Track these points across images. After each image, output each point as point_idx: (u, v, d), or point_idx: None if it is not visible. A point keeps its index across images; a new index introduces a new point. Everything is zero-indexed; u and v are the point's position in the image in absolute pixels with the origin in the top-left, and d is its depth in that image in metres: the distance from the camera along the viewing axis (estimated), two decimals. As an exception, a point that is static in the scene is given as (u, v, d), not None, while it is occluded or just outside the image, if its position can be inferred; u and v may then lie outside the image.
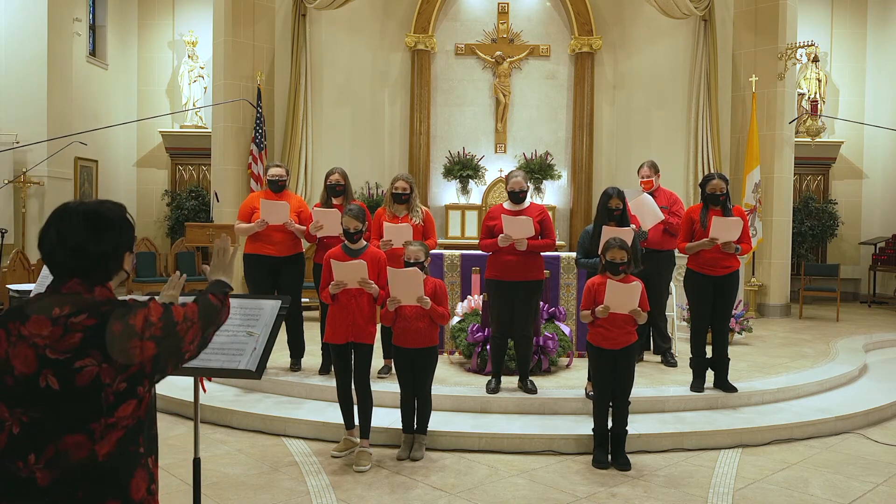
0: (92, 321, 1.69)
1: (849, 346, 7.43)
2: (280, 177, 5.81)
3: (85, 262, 1.79)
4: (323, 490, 3.98)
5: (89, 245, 1.78)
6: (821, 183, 11.81)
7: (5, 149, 8.68)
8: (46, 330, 1.68)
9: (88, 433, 1.68)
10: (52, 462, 1.66)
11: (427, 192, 10.60)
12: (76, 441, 1.67)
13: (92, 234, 1.79)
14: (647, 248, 6.01)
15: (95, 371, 1.67)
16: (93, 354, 1.67)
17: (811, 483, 4.19)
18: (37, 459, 1.66)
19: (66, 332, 1.67)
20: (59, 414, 1.67)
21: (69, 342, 1.67)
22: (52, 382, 1.67)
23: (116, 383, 1.69)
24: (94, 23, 11.35)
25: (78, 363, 1.66)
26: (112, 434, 1.71)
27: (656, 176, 6.39)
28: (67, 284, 1.77)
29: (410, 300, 4.28)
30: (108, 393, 1.69)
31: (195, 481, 2.89)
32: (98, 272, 1.81)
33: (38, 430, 1.67)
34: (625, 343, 4.36)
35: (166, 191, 11.75)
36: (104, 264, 1.81)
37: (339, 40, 10.40)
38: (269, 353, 2.75)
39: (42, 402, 1.67)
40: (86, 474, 1.68)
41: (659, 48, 10.60)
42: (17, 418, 1.68)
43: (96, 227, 1.81)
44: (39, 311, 1.71)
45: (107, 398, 1.69)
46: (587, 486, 4.09)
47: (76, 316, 1.69)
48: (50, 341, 1.67)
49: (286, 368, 5.85)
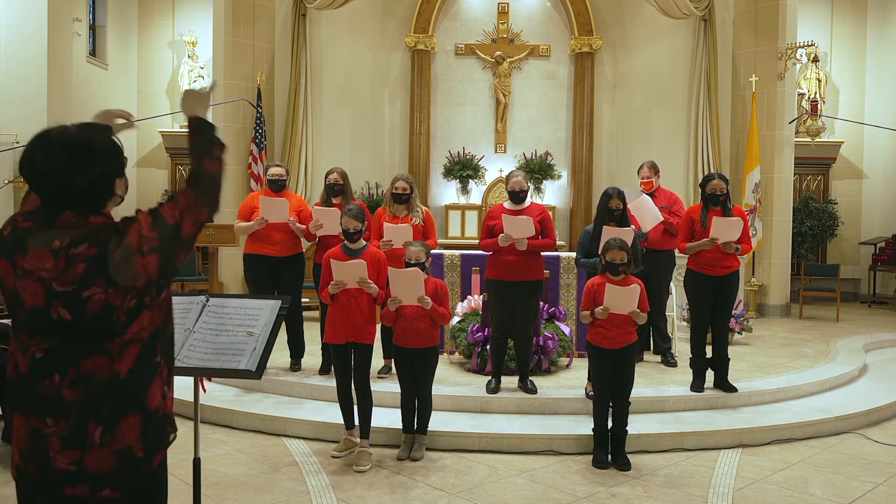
0: (93, 250, 1.67)
1: (849, 346, 7.43)
2: (280, 176, 5.81)
3: (73, 193, 1.73)
4: (323, 490, 3.98)
5: (75, 176, 1.73)
6: (821, 183, 11.80)
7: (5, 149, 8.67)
8: (49, 263, 1.68)
9: (107, 353, 1.71)
10: (76, 382, 1.70)
11: (427, 192, 10.60)
12: (97, 363, 1.70)
13: (77, 165, 1.73)
14: (648, 247, 6.01)
15: (104, 297, 1.68)
16: (98, 282, 1.67)
17: (811, 483, 4.19)
18: (61, 379, 1.70)
19: (69, 264, 1.67)
20: (74, 341, 1.70)
21: (73, 273, 1.67)
22: (63, 314, 1.68)
23: (126, 302, 1.70)
24: (94, 23, 11.34)
25: (86, 293, 1.67)
26: (129, 350, 1.73)
27: (656, 176, 6.39)
28: (61, 217, 1.73)
29: (411, 300, 4.28)
30: (119, 313, 1.70)
31: (195, 481, 2.89)
32: (88, 202, 1.76)
33: (59, 354, 1.70)
34: (625, 343, 4.36)
35: (166, 191, 11.74)
36: (94, 194, 1.76)
37: (339, 40, 10.40)
38: (269, 353, 2.75)
39: (56, 332, 1.70)
40: (109, 392, 1.72)
41: (659, 48, 10.60)
42: (38, 346, 1.72)
43: (81, 156, 1.74)
44: (38, 245, 1.69)
45: (118, 318, 1.70)
46: (587, 486, 4.09)
47: (76, 247, 1.68)
48: (55, 273, 1.67)
49: (286, 368, 5.85)
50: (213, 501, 3.82)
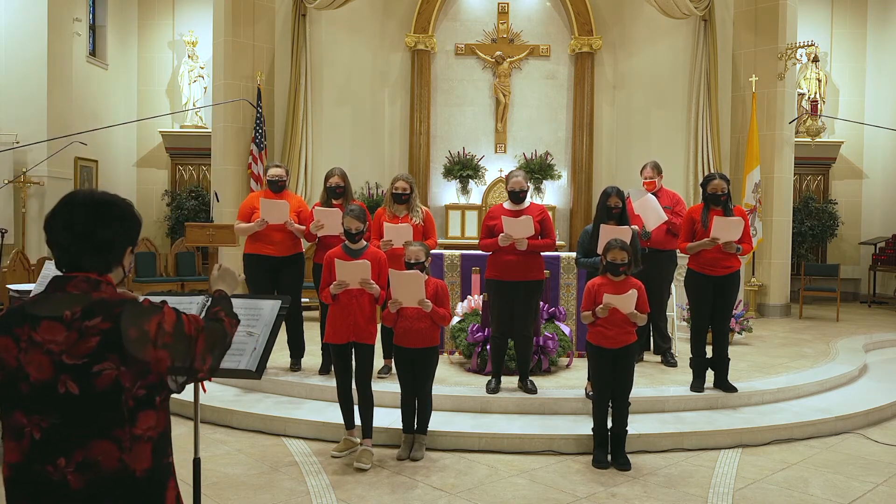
0: (107, 324, 1.66)
1: (849, 346, 7.43)
2: (280, 177, 5.81)
3: (90, 248, 1.76)
4: (323, 490, 3.98)
5: (96, 230, 1.76)
6: (821, 183, 11.81)
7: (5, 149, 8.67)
8: (61, 335, 1.66)
9: (115, 441, 1.67)
10: (83, 467, 1.65)
11: (427, 192, 10.60)
12: (104, 449, 1.66)
13: (99, 220, 1.77)
14: (650, 247, 6.01)
15: (114, 374, 1.65)
16: (111, 358, 1.65)
17: (811, 483, 4.19)
18: (67, 463, 1.65)
19: (82, 337, 1.65)
20: (80, 419, 1.66)
21: (86, 346, 1.65)
22: (71, 388, 1.64)
23: (135, 388, 1.68)
24: (94, 23, 11.35)
25: (96, 367, 1.64)
26: (142, 447, 1.70)
27: (659, 177, 6.39)
28: (73, 282, 1.74)
29: (411, 302, 4.28)
30: (128, 397, 1.67)
31: (195, 481, 2.89)
32: (101, 261, 1.78)
33: (62, 434, 1.66)
34: (624, 342, 4.36)
35: (166, 191, 11.75)
36: (108, 252, 1.79)
37: (339, 40, 10.40)
38: (269, 353, 2.74)
39: (62, 407, 1.65)
40: (124, 489, 1.68)
41: (659, 48, 10.60)
42: (37, 424, 1.66)
43: (105, 213, 1.79)
44: (50, 315, 1.67)
45: (126, 402, 1.67)
46: (587, 486, 4.09)
47: (90, 319, 1.66)
48: (66, 346, 1.65)
49: (286, 368, 5.85)
50: (213, 501, 3.82)
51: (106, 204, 1.81)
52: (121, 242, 1.82)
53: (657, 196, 6.26)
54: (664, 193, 6.36)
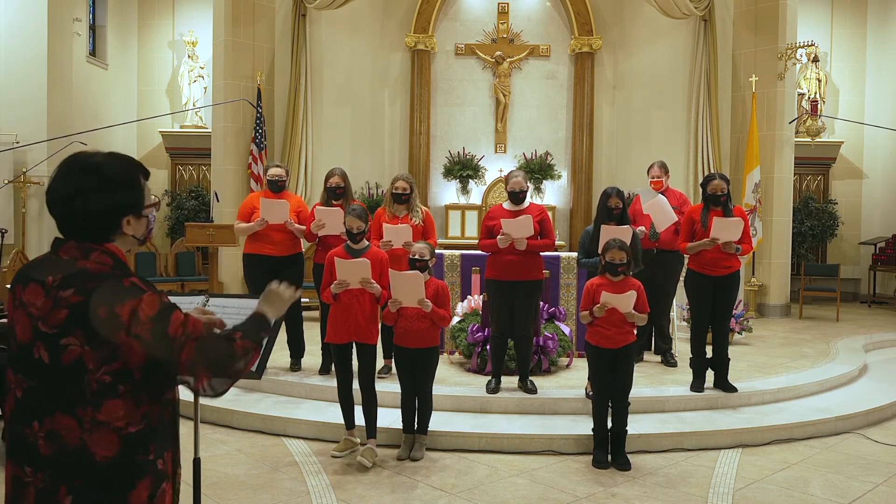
0: (78, 298, 1.60)
1: (849, 346, 7.43)
2: (279, 177, 5.81)
3: (71, 220, 1.68)
4: (323, 490, 3.98)
5: (76, 202, 1.67)
6: (821, 183, 11.80)
7: (5, 149, 8.67)
8: (40, 300, 1.63)
9: (77, 419, 1.63)
10: (50, 436, 1.64)
11: (427, 192, 10.60)
12: (66, 423, 1.63)
13: (83, 191, 1.67)
14: (657, 248, 6.02)
15: (78, 352, 1.61)
16: (76, 334, 1.60)
17: (811, 483, 4.19)
18: (39, 428, 1.64)
19: (55, 307, 1.61)
20: (50, 388, 1.64)
21: (57, 317, 1.61)
22: (42, 355, 1.63)
23: (100, 373, 1.62)
24: (94, 23, 11.34)
25: (63, 340, 1.61)
26: (104, 434, 1.64)
27: (666, 176, 6.39)
28: (65, 246, 1.69)
29: (411, 302, 4.28)
30: (91, 380, 1.62)
31: (195, 481, 2.89)
32: (87, 233, 1.69)
33: (36, 399, 1.65)
34: (623, 342, 4.36)
35: (166, 191, 11.74)
36: (97, 223, 1.69)
37: (339, 40, 10.40)
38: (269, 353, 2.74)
39: (36, 373, 1.64)
40: (83, 469, 1.64)
41: (659, 48, 10.60)
42: (20, 385, 1.67)
43: (89, 183, 1.68)
44: (36, 278, 1.65)
45: (90, 384, 1.62)
46: (587, 486, 4.09)
47: (65, 289, 1.61)
48: (42, 313, 1.63)
49: (286, 368, 5.85)
50: (213, 501, 3.82)
51: (93, 171, 1.69)
52: (111, 213, 1.71)
53: (664, 196, 6.26)
54: (671, 193, 6.36)
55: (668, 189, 6.40)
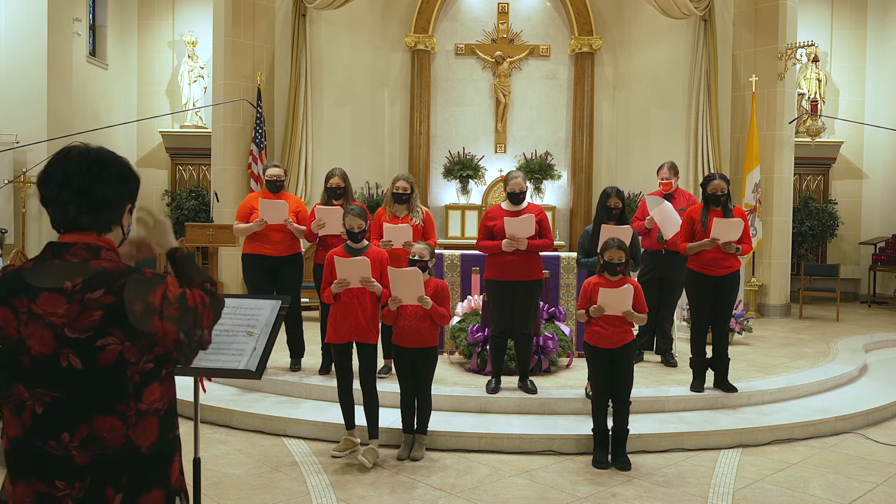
0: (110, 298, 1.61)
1: (849, 346, 7.43)
2: (278, 177, 5.81)
3: (89, 205, 1.70)
4: (323, 490, 3.98)
5: (97, 185, 1.70)
6: (821, 183, 11.80)
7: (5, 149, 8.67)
8: (62, 308, 1.60)
9: (120, 416, 1.63)
10: (88, 442, 1.61)
11: (427, 192, 10.60)
12: (109, 424, 1.62)
13: (99, 175, 1.71)
14: (667, 249, 6.03)
15: (119, 349, 1.61)
16: (115, 333, 1.61)
17: (811, 483, 4.19)
18: (71, 438, 1.61)
19: (84, 310, 1.59)
20: (84, 393, 1.61)
21: (89, 320, 1.60)
22: (74, 362, 1.60)
23: (142, 363, 1.65)
24: (94, 23, 11.34)
25: (100, 342, 1.60)
26: (148, 422, 1.67)
27: (675, 178, 6.38)
28: (72, 249, 1.68)
29: (411, 300, 4.28)
30: (134, 372, 1.64)
31: (195, 481, 2.89)
32: (100, 220, 1.72)
33: (65, 409, 1.62)
34: (621, 342, 4.35)
35: (166, 191, 11.74)
36: (108, 210, 1.73)
37: (339, 40, 10.40)
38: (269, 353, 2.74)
39: (65, 381, 1.61)
40: (129, 464, 1.65)
41: (659, 48, 10.60)
42: (39, 399, 1.62)
43: (104, 169, 1.73)
44: (50, 287, 1.62)
45: (132, 377, 1.64)
46: (587, 486, 4.09)
47: (92, 291, 1.60)
48: (68, 319, 1.59)
49: (286, 368, 5.84)
50: (213, 501, 3.82)
51: (104, 160, 1.75)
52: (120, 200, 1.76)
53: (673, 197, 6.26)
54: (680, 194, 6.36)
55: (678, 190, 6.39)
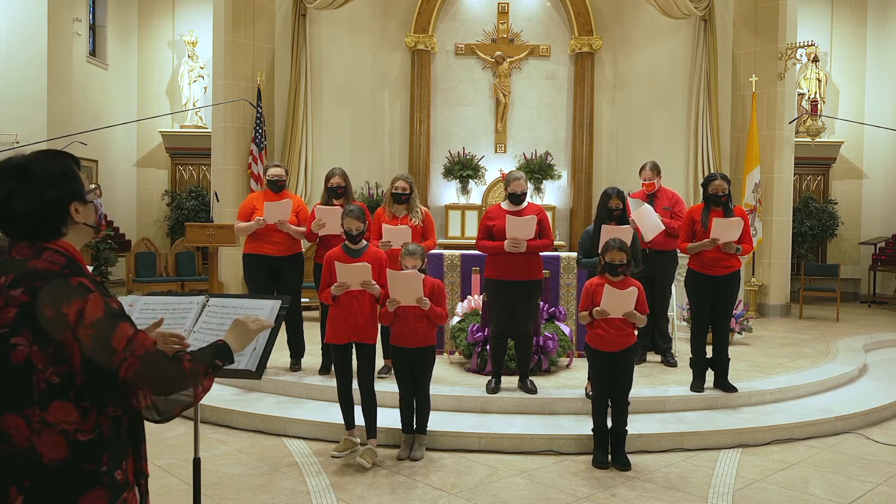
0: (26, 298, 1.60)
1: (849, 346, 7.43)
2: (279, 177, 5.82)
3: (13, 220, 1.67)
4: (323, 490, 3.98)
5: (13, 201, 1.66)
6: (821, 183, 11.81)
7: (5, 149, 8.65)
8: None
9: (25, 418, 1.61)
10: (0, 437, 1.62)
11: (427, 192, 10.61)
12: (15, 423, 1.61)
13: (15, 191, 1.66)
14: (651, 248, 6.01)
15: (26, 352, 1.59)
16: (24, 334, 1.59)
17: (811, 483, 4.19)
18: None
19: (5, 305, 1.60)
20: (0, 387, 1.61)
21: (6, 316, 1.60)
22: None
23: (48, 374, 1.60)
24: (94, 23, 11.35)
25: (13, 339, 1.60)
26: (52, 435, 1.62)
27: (658, 177, 6.38)
28: (17, 246, 1.68)
29: (409, 301, 4.28)
30: (40, 379, 1.60)
31: (195, 481, 2.89)
32: (35, 230, 1.68)
33: None
34: (623, 345, 4.34)
35: (166, 191, 11.75)
36: (39, 221, 1.68)
37: (339, 40, 10.40)
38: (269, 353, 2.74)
39: None
40: (31, 470, 1.62)
41: (659, 48, 10.60)
42: None
43: (20, 182, 1.66)
44: None
45: (38, 384, 1.61)
46: (587, 487, 4.09)
47: (14, 288, 1.61)
48: None
49: (286, 368, 5.84)
50: (213, 501, 3.82)
51: (19, 170, 1.67)
52: (57, 204, 1.69)
53: (656, 196, 6.27)
54: (663, 193, 6.36)
55: (661, 189, 6.39)
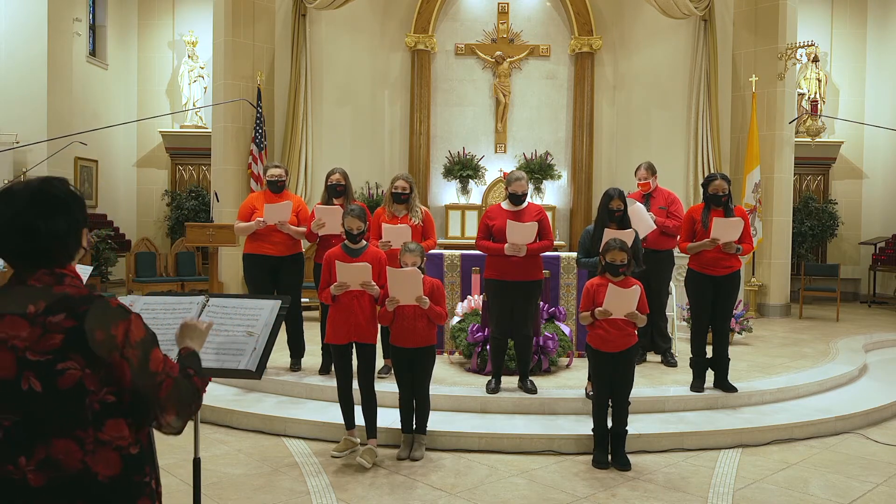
0: (71, 322, 1.61)
1: (849, 346, 7.43)
2: (279, 177, 5.82)
3: (40, 245, 1.68)
4: (323, 490, 3.98)
5: (41, 226, 1.68)
6: (821, 183, 11.81)
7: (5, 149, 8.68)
8: (25, 331, 1.60)
9: (78, 441, 1.62)
10: (44, 465, 1.61)
11: (427, 192, 10.61)
12: (66, 447, 1.61)
13: (42, 215, 1.68)
14: (646, 248, 6.01)
15: (78, 375, 1.60)
16: (75, 358, 1.60)
17: (811, 483, 4.19)
18: (28, 461, 1.61)
19: (46, 333, 1.60)
20: (42, 416, 1.61)
21: (49, 343, 1.60)
22: (34, 384, 1.60)
23: (102, 394, 1.63)
24: (94, 23, 11.35)
25: (60, 365, 1.60)
26: (108, 453, 1.65)
27: (653, 177, 6.39)
28: (35, 275, 1.68)
29: (409, 300, 4.28)
30: (94, 401, 1.62)
31: (195, 481, 2.89)
32: (56, 255, 1.70)
33: (23, 433, 1.61)
34: (624, 346, 4.34)
35: (166, 191, 11.75)
36: (61, 245, 1.71)
37: (339, 40, 10.40)
38: (269, 353, 2.74)
39: (24, 405, 1.61)
40: (85, 490, 1.63)
41: (659, 48, 10.60)
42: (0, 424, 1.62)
43: (47, 206, 1.70)
44: (13, 311, 1.62)
45: (91, 405, 1.62)
46: (587, 487, 4.09)
47: (54, 315, 1.61)
48: (29, 343, 1.60)
49: (286, 368, 5.84)
50: (213, 501, 3.82)
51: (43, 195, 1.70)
52: (71, 231, 1.73)
53: (652, 196, 6.28)
54: (659, 193, 6.36)
55: (657, 188, 6.39)
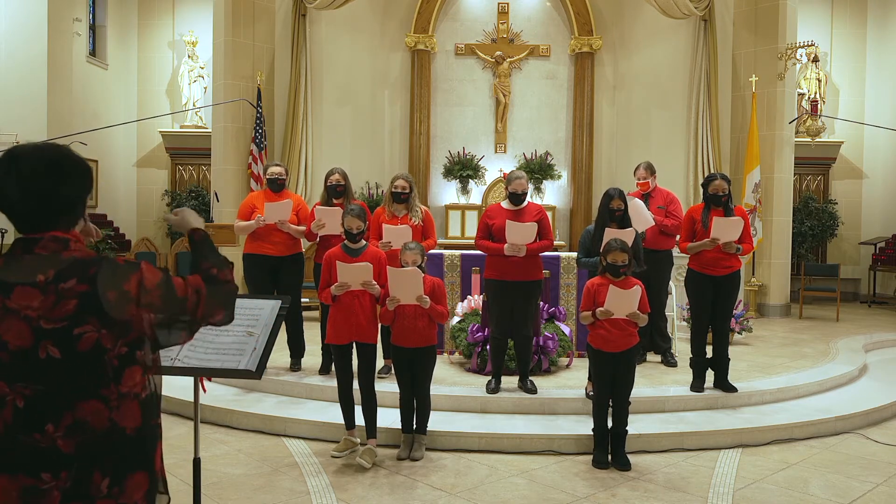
0: (83, 287, 1.63)
1: (849, 346, 7.43)
2: (280, 175, 5.82)
3: (55, 207, 1.71)
4: (323, 490, 3.98)
5: (59, 188, 1.71)
6: (821, 183, 11.81)
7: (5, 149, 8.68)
8: (37, 300, 1.62)
9: (103, 399, 1.66)
10: (73, 430, 1.63)
11: (427, 192, 10.60)
12: (93, 408, 1.64)
13: (59, 177, 1.71)
14: (645, 248, 6.00)
15: (95, 337, 1.63)
16: (91, 321, 1.63)
17: (811, 483, 4.19)
18: (56, 428, 1.62)
19: (60, 300, 1.62)
20: (65, 382, 1.64)
21: (64, 310, 1.62)
22: (52, 352, 1.62)
23: (117, 348, 1.67)
24: (94, 23, 11.35)
25: (76, 330, 1.62)
26: (130, 405, 1.69)
27: (652, 177, 6.39)
28: (40, 243, 1.69)
29: (410, 299, 4.28)
30: (111, 357, 1.66)
31: (195, 481, 2.89)
32: (67, 217, 1.73)
33: (47, 400, 1.63)
34: (625, 346, 4.34)
35: (166, 191, 11.75)
36: (72, 209, 1.74)
37: (339, 40, 10.40)
38: (269, 353, 2.74)
39: (45, 373, 1.63)
40: (114, 447, 1.67)
41: (659, 48, 10.60)
42: (20, 393, 1.63)
43: (63, 168, 1.73)
44: (23, 281, 1.64)
45: (111, 362, 1.66)
46: (587, 487, 4.09)
47: (65, 281, 1.63)
48: (43, 311, 1.62)
49: (286, 368, 5.84)
50: (213, 501, 3.82)
51: (59, 158, 1.74)
52: (83, 193, 1.77)
53: (651, 196, 6.28)
54: (658, 193, 6.37)
55: (657, 188, 6.40)
